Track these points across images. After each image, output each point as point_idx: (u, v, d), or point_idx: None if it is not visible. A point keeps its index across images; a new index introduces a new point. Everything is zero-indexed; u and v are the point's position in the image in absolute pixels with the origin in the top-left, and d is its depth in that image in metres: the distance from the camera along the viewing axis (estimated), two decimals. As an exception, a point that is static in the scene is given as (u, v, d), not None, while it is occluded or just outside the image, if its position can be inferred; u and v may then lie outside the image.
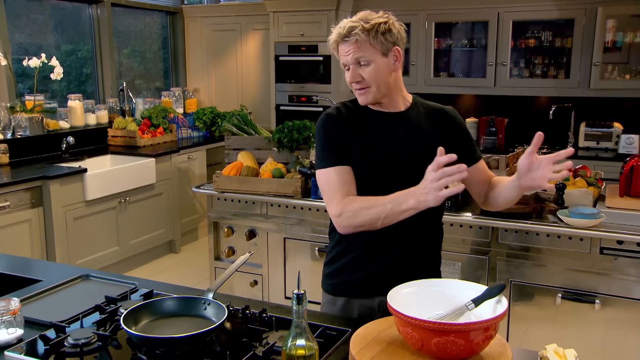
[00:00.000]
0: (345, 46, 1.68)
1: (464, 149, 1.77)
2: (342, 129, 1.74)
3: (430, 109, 1.82)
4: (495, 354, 1.35)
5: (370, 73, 1.68)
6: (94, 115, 5.19)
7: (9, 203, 3.72)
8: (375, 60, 1.67)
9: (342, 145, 1.71)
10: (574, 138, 4.92)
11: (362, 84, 1.70)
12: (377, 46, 1.66)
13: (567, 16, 4.73)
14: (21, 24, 4.89)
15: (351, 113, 1.78)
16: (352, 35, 1.65)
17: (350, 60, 1.68)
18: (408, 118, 1.77)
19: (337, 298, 1.85)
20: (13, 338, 1.53)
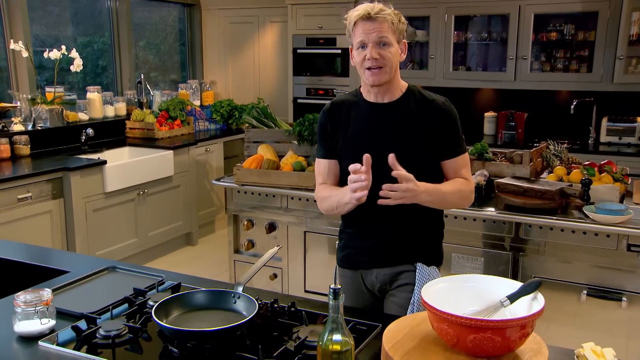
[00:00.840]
0: (371, 24, 1.75)
1: (444, 143, 1.86)
2: (333, 122, 1.93)
3: (423, 99, 1.88)
4: (530, 352, 1.33)
5: (389, 54, 1.78)
6: (112, 107, 5.21)
7: (31, 194, 3.75)
8: (394, 44, 1.80)
9: (330, 138, 1.93)
10: (596, 133, 4.86)
11: (380, 63, 1.78)
12: (397, 33, 1.80)
13: (590, 9, 4.66)
14: (37, 16, 4.91)
15: (346, 105, 1.93)
16: (382, 15, 1.76)
17: (374, 38, 1.76)
18: (397, 108, 1.87)
19: (346, 270, 2.01)
20: (46, 328, 1.54)
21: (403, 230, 1.89)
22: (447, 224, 2.89)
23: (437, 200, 1.82)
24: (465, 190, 1.88)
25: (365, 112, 1.90)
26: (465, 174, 1.91)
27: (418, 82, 5.50)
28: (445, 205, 1.90)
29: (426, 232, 1.95)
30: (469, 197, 1.92)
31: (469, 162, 1.95)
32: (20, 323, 1.53)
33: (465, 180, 1.89)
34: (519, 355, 1.32)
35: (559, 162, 3.17)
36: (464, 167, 1.91)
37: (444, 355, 1.34)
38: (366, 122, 1.88)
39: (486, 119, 5.24)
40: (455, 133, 1.89)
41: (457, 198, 1.87)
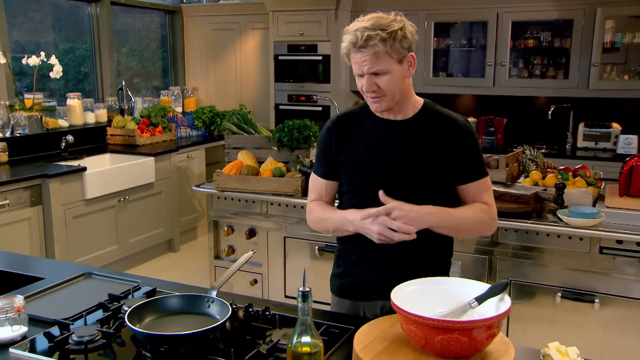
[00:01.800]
0: (361, 55, 1.61)
1: (462, 165, 1.71)
2: (339, 140, 1.78)
3: (440, 118, 1.72)
4: (498, 352, 1.36)
5: (387, 82, 1.63)
6: (93, 114, 5.19)
7: (9, 201, 3.72)
8: (392, 69, 1.62)
9: (333, 158, 1.79)
10: (573, 138, 4.94)
11: (378, 93, 1.65)
12: (394, 55, 1.61)
13: (566, 17, 4.75)
14: (18, 22, 4.88)
15: (352, 121, 1.78)
16: (370, 46, 1.58)
17: (366, 71, 1.62)
18: (412, 126, 1.72)
19: (343, 300, 1.87)
20: (17, 335, 1.54)
21: (412, 260, 1.73)
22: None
23: (450, 226, 1.66)
24: (484, 216, 1.70)
25: (377, 128, 1.73)
26: (486, 198, 1.73)
27: (399, 89, 5.59)
28: (462, 233, 1.74)
29: (435, 262, 1.79)
30: (489, 225, 1.74)
31: (490, 186, 1.76)
32: (-8, 330, 1.53)
33: (485, 206, 1.71)
34: (486, 355, 1.35)
35: (535, 167, 3.22)
36: (485, 192, 1.73)
37: (413, 356, 1.36)
38: (378, 139, 1.73)
39: (466, 125, 5.29)
40: (475, 155, 1.73)
41: (474, 224, 1.70)
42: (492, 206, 1.74)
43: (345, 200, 1.82)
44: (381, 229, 1.57)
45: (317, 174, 1.86)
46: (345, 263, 1.85)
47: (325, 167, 1.83)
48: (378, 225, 1.58)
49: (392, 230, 1.56)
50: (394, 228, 1.56)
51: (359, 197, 1.75)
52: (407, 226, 1.56)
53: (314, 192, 1.87)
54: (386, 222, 1.57)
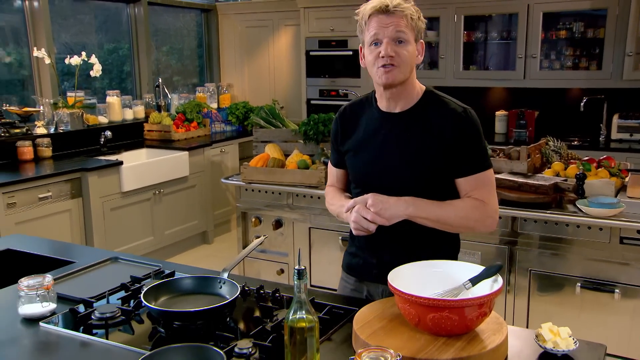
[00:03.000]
0: (387, 19, 1.60)
1: (459, 158, 1.66)
2: (343, 129, 1.84)
3: (441, 106, 1.70)
4: (490, 331, 1.41)
5: (405, 52, 1.62)
6: (131, 110, 5.40)
7: (51, 193, 3.93)
8: (411, 42, 1.64)
9: (340, 147, 1.86)
10: (606, 130, 4.85)
11: (394, 61, 1.61)
12: (415, 30, 1.64)
13: (599, 6, 4.66)
14: (68, 25, 5.13)
15: (356, 112, 1.83)
16: (401, 9, 1.60)
17: (390, 33, 1.60)
18: (410, 118, 1.71)
19: (350, 277, 1.93)
20: (46, 311, 1.67)
21: (416, 247, 1.73)
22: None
23: (431, 219, 1.63)
24: (474, 213, 1.64)
25: (376, 121, 1.75)
26: (481, 194, 1.65)
27: (429, 82, 5.52)
28: (448, 227, 1.67)
29: (440, 250, 1.75)
30: (482, 222, 1.66)
31: (490, 181, 1.68)
32: (24, 306, 1.66)
33: (477, 202, 1.65)
34: (479, 333, 1.40)
35: (559, 158, 3.20)
36: (481, 188, 1.66)
37: (408, 334, 1.42)
38: (376, 132, 1.74)
39: (497, 118, 5.27)
40: (475, 147, 1.66)
41: (460, 220, 1.64)
42: (487, 203, 1.66)
43: (352, 189, 1.88)
44: (356, 217, 1.61)
45: (331, 162, 1.96)
46: (356, 244, 1.88)
47: (334, 156, 1.92)
48: (354, 214, 1.62)
49: (367, 220, 1.59)
50: (368, 218, 1.59)
51: (359, 187, 1.81)
52: (380, 217, 1.59)
53: (330, 178, 1.97)
54: (361, 212, 1.60)
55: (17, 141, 4.31)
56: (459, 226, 1.68)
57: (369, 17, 1.64)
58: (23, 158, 4.30)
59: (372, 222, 1.59)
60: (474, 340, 1.37)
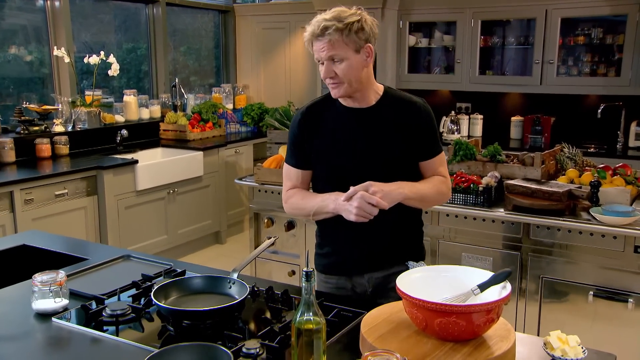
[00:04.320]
0: (320, 43, 1.74)
1: (422, 144, 1.87)
2: (306, 129, 1.90)
3: (400, 102, 1.88)
4: (498, 337, 1.40)
5: (343, 70, 1.75)
6: (147, 110, 5.45)
7: (67, 191, 3.98)
8: (348, 57, 1.74)
9: (303, 148, 1.91)
10: (624, 137, 4.80)
11: (335, 80, 1.77)
12: (350, 44, 1.73)
13: (619, 12, 4.62)
14: (88, 24, 5.20)
15: (319, 111, 1.91)
16: (326, 35, 1.72)
17: (324, 57, 1.75)
18: (375, 113, 1.86)
19: (330, 277, 2.00)
20: (59, 307, 1.70)
21: (393, 232, 1.91)
22: (458, 224, 2.98)
23: (417, 198, 1.83)
24: (443, 187, 1.91)
25: (342, 117, 1.88)
26: (443, 171, 1.94)
27: (445, 87, 5.59)
28: (425, 204, 1.91)
29: (412, 230, 1.99)
30: (446, 194, 1.94)
31: (445, 160, 1.97)
32: (37, 301, 1.69)
33: (442, 178, 1.92)
34: (485, 340, 1.40)
35: (573, 165, 3.18)
36: (441, 166, 1.94)
37: (415, 338, 1.42)
38: (344, 127, 1.87)
39: (513, 123, 5.24)
40: (434, 133, 1.91)
41: (436, 195, 1.89)
42: (448, 178, 1.95)
43: (319, 187, 1.94)
44: (361, 203, 1.68)
45: (290, 164, 1.97)
46: (330, 243, 1.98)
47: (297, 157, 1.94)
48: (358, 200, 1.68)
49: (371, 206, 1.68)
50: (373, 202, 1.67)
51: (330, 183, 1.88)
52: (383, 201, 1.69)
53: (289, 181, 1.98)
54: (365, 197, 1.68)
55: (35, 138, 4.37)
56: (434, 201, 1.93)
57: (309, 42, 1.79)
58: (41, 155, 4.36)
59: (377, 206, 1.68)
60: (481, 346, 1.37)
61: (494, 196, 2.92)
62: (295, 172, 1.96)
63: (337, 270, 1.99)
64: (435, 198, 1.91)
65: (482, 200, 2.90)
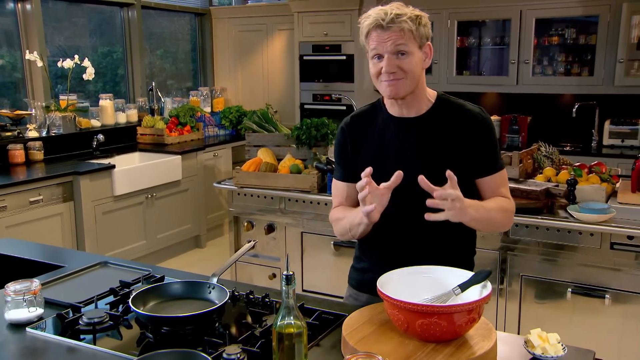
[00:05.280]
0: (386, 33, 1.58)
1: (480, 158, 1.67)
2: (353, 139, 1.77)
3: (454, 109, 1.69)
4: (479, 337, 1.41)
5: (409, 64, 1.60)
6: (124, 114, 5.38)
7: (42, 197, 3.91)
8: (414, 52, 1.60)
9: (350, 159, 1.77)
10: (598, 136, 4.87)
11: (398, 75, 1.61)
12: (417, 39, 1.60)
13: (591, 13, 4.69)
14: (61, 28, 5.11)
15: (365, 121, 1.77)
16: (398, 22, 1.57)
17: (389, 48, 1.58)
18: (425, 122, 1.69)
19: (361, 294, 1.86)
20: (33, 316, 1.66)
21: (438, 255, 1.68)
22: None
23: (483, 218, 1.60)
24: (509, 209, 1.70)
25: (390, 127, 1.71)
26: (505, 192, 1.71)
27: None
28: (491, 225, 1.68)
29: (461, 256, 1.77)
30: (511, 218, 1.72)
31: (507, 178, 1.75)
32: (10, 311, 1.65)
33: (507, 200, 1.70)
34: (467, 340, 1.40)
35: (551, 164, 3.21)
36: (503, 186, 1.71)
37: (397, 340, 1.42)
38: (392, 138, 1.70)
39: (490, 123, 5.28)
40: (493, 147, 1.68)
41: (502, 217, 1.67)
42: (511, 200, 1.73)
43: None
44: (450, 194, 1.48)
45: (337, 178, 1.83)
46: (368, 258, 1.82)
47: (343, 169, 1.80)
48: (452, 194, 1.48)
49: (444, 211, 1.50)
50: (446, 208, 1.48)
51: None
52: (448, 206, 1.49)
53: (336, 198, 1.83)
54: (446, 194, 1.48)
55: (8, 144, 4.28)
56: (499, 225, 1.71)
57: (368, 33, 1.62)
58: (14, 161, 4.28)
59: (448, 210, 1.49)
60: (463, 346, 1.37)
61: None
62: (342, 187, 1.80)
63: (371, 288, 1.69)
64: (502, 222, 1.69)
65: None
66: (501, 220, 1.69)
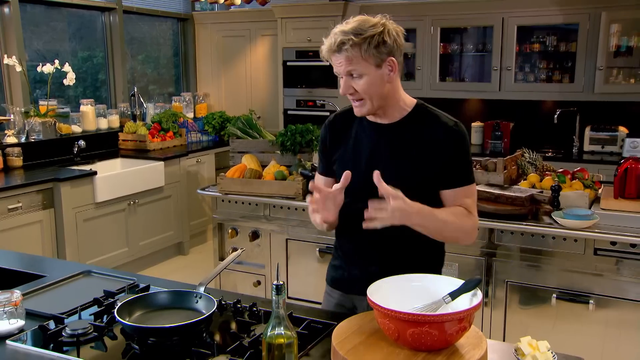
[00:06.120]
0: (337, 57, 1.64)
1: (447, 170, 1.69)
2: (332, 138, 1.84)
3: (430, 120, 1.72)
4: (470, 345, 1.40)
5: (363, 86, 1.64)
6: (105, 119, 5.32)
7: (22, 204, 3.84)
8: (368, 73, 1.63)
9: (329, 154, 1.84)
10: (579, 142, 4.93)
11: (356, 96, 1.67)
12: (370, 59, 1.61)
13: (571, 21, 4.76)
14: (40, 32, 5.04)
15: (346, 121, 1.82)
16: (343, 50, 1.61)
17: (342, 71, 1.65)
18: (398, 130, 1.73)
19: (334, 291, 1.92)
20: (14, 328, 1.61)
21: (400, 259, 1.75)
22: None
23: (431, 227, 1.63)
24: (466, 223, 1.68)
25: (365, 131, 1.76)
26: (470, 206, 1.70)
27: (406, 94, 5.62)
28: (442, 236, 1.70)
29: (425, 262, 1.79)
30: (470, 233, 1.70)
31: (475, 195, 1.75)
32: (-9, 323, 1.61)
33: (469, 214, 1.69)
34: (458, 348, 1.39)
35: (534, 170, 3.24)
36: (469, 199, 1.71)
37: (387, 349, 1.41)
38: (367, 141, 1.75)
39: (473, 129, 5.32)
40: (463, 160, 1.70)
41: (455, 230, 1.66)
42: (475, 215, 1.72)
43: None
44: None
45: (318, 172, 1.93)
46: (340, 256, 1.89)
47: (323, 164, 1.89)
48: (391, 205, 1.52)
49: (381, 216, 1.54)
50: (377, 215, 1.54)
51: (347, 196, 1.73)
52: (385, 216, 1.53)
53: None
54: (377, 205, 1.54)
55: (-14, 150, 4.21)
56: (451, 237, 1.71)
57: (327, 56, 1.68)
58: (-8, 168, 4.20)
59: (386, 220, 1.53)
60: (454, 355, 1.36)
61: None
62: (322, 180, 1.88)
63: (339, 285, 1.89)
64: (455, 235, 1.69)
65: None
66: (454, 233, 1.69)
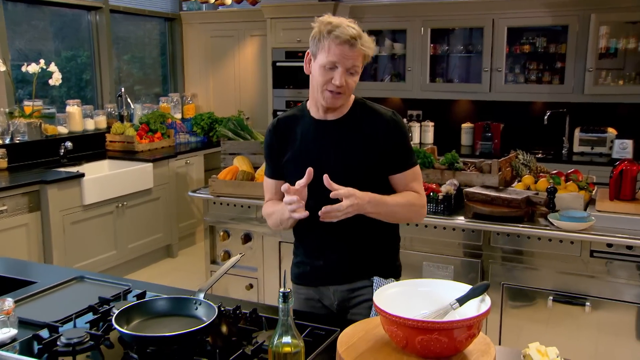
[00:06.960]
0: (350, 51, 1.69)
1: (392, 156, 1.82)
2: (279, 141, 1.90)
3: (369, 114, 1.85)
4: (478, 352, 1.38)
5: (353, 83, 1.76)
6: (92, 120, 5.23)
7: (7, 207, 3.75)
8: (359, 72, 1.77)
9: (276, 158, 1.90)
10: (569, 143, 4.95)
11: (342, 90, 1.74)
12: (364, 62, 1.77)
13: (560, 22, 4.78)
14: (22, 31, 4.93)
15: (289, 124, 1.90)
16: (365, 45, 1.72)
17: (347, 65, 1.71)
18: (343, 125, 1.83)
19: (300, 287, 1.98)
20: (7, 337, 1.56)
21: (359, 245, 1.86)
22: (418, 232, 2.96)
23: (383, 212, 1.78)
24: (417, 203, 1.84)
25: (311, 128, 1.85)
26: (416, 187, 1.86)
27: (396, 95, 5.62)
28: (394, 218, 1.85)
29: (382, 245, 1.92)
30: (420, 212, 1.87)
31: (420, 175, 1.90)
32: (-18, 332, 1.55)
33: (416, 194, 1.85)
34: (467, 355, 1.37)
35: (528, 172, 3.23)
36: (415, 181, 1.86)
37: (395, 357, 1.38)
38: (313, 139, 1.84)
39: (463, 130, 5.32)
40: (403, 146, 1.84)
41: (406, 211, 1.83)
42: (422, 194, 1.87)
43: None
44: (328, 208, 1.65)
45: (267, 176, 1.97)
46: (301, 252, 1.97)
47: (272, 168, 1.94)
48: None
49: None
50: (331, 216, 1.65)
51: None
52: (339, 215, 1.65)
53: (268, 194, 1.97)
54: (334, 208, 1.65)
55: (-30, 152, 4.11)
56: (404, 218, 1.87)
57: (331, 41, 1.69)
58: (-24, 170, 4.11)
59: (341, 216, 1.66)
60: (463, 362, 1.34)
61: (453, 204, 2.93)
62: (271, 184, 1.94)
63: (305, 280, 1.96)
64: (406, 215, 1.85)
65: (442, 209, 2.90)
66: (406, 214, 1.85)
